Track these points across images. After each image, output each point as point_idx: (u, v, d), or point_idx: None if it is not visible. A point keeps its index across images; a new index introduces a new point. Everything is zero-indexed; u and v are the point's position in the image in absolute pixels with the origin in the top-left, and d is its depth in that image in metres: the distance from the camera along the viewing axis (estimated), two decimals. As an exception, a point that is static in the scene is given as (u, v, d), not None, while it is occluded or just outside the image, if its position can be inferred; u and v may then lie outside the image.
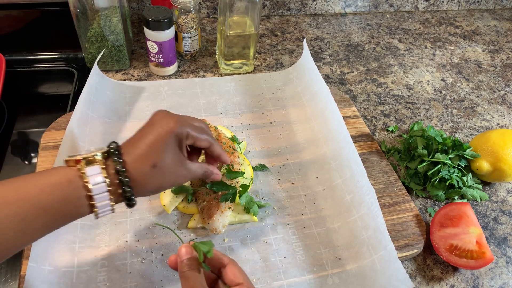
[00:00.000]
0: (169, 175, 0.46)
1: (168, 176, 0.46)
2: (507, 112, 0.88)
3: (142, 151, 0.44)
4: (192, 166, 0.49)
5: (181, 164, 0.47)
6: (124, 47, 0.82)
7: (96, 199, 0.41)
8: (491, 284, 0.59)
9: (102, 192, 0.42)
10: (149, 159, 0.44)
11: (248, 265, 0.56)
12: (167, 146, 0.45)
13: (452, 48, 1.06)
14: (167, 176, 0.46)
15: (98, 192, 0.41)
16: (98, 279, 0.52)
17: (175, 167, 0.46)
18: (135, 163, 0.44)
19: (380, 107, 0.85)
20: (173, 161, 0.46)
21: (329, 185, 0.65)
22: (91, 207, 0.42)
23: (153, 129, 0.46)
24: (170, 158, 0.45)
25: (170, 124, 0.46)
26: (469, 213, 0.62)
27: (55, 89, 0.85)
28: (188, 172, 0.48)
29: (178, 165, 0.47)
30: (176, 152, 0.46)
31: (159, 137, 0.45)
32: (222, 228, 0.57)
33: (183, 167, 0.47)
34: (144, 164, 0.44)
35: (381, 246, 0.55)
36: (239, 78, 0.84)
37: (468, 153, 0.69)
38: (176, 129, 0.46)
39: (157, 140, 0.45)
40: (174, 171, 0.46)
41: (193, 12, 0.81)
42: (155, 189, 0.46)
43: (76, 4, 0.74)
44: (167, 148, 0.45)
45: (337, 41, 1.03)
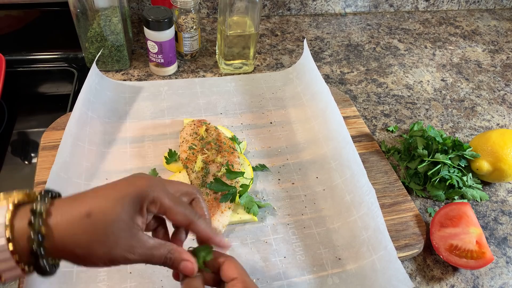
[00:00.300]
0: (103, 237, 0.33)
1: (100, 239, 0.33)
2: (507, 112, 0.88)
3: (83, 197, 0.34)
4: (149, 241, 0.35)
5: (129, 231, 0.34)
6: (124, 47, 0.82)
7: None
8: (491, 284, 0.59)
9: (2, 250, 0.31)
10: (85, 206, 0.33)
11: (248, 265, 0.56)
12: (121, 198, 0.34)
13: (452, 48, 1.06)
14: (99, 238, 0.33)
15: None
16: (98, 279, 0.52)
17: (121, 231, 0.33)
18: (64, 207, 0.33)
19: (380, 107, 0.85)
20: (120, 222, 0.33)
21: (329, 185, 0.65)
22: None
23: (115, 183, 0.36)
24: (117, 216, 0.33)
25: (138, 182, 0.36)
26: (469, 213, 0.62)
27: (55, 89, 0.85)
28: (140, 245, 0.34)
29: (126, 231, 0.34)
30: (128, 214, 0.34)
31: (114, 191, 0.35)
32: (222, 228, 0.57)
33: (131, 236, 0.34)
34: (76, 210, 0.33)
35: (381, 246, 0.55)
36: (239, 78, 0.84)
37: (468, 153, 0.69)
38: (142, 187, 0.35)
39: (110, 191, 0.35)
40: (118, 237, 0.33)
41: (193, 12, 0.81)
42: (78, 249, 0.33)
43: (76, 4, 0.74)
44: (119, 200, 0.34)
45: (337, 41, 1.03)
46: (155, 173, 0.65)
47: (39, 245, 0.32)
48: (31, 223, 0.32)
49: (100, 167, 0.65)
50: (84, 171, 0.63)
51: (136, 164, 0.66)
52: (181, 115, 0.75)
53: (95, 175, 0.63)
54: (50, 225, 0.32)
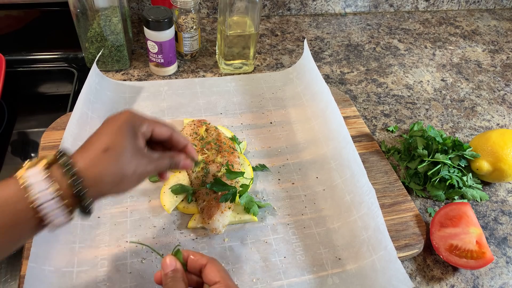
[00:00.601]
0: (126, 161, 0.41)
1: (125, 162, 0.41)
2: (507, 112, 0.88)
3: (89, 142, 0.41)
4: (154, 154, 0.45)
5: (138, 150, 0.43)
6: (124, 47, 0.82)
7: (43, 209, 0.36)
8: (491, 284, 0.59)
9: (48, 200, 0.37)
10: (99, 144, 0.40)
11: (248, 265, 0.56)
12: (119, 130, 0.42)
13: (452, 48, 1.06)
14: (124, 162, 0.41)
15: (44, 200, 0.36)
16: (98, 279, 0.52)
17: (132, 152, 0.42)
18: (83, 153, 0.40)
19: (380, 107, 0.85)
20: (129, 146, 0.42)
21: (329, 185, 0.65)
22: (39, 219, 0.37)
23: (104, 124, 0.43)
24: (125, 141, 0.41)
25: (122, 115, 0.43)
26: (469, 213, 0.62)
27: (55, 89, 0.85)
28: (149, 159, 0.43)
29: (136, 152, 0.42)
30: (131, 138, 0.42)
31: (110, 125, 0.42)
32: (222, 228, 0.57)
33: (141, 154, 0.43)
34: (94, 150, 0.40)
35: (381, 246, 0.55)
36: (239, 78, 0.84)
37: (468, 153, 0.69)
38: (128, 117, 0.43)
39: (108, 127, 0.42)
40: (131, 157, 0.41)
41: (193, 12, 0.81)
42: (113, 178, 0.40)
43: (76, 4, 0.74)
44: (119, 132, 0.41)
45: (337, 41, 1.03)
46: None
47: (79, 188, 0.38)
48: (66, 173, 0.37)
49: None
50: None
51: (136, 164, 0.66)
52: (181, 115, 0.75)
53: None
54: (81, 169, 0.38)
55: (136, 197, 0.62)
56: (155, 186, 0.64)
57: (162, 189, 0.62)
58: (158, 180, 0.64)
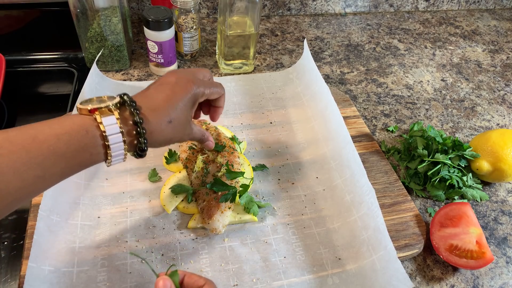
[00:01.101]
0: (179, 131, 0.49)
1: (178, 132, 0.48)
2: (507, 112, 0.88)
3: (159, 106, 0.46)
4: (195, 127, 0.53)
5: (189, 123, 0.50)
6: (124, 47, 0.82)
7: (112, 148, 0.42)
8: (491, 284, 0.59)
9: (118, 142, 0.42)
10: (166, 115, 0.46)
11: (248, 265, 0.56)
12: (184, 104, 0.48)
13: (452, 48, 1.06)
14: (177, 132, 0.48)
15: (114, 142, 0.42)
16: (98, 279, 0.52)
17: (185, 124, 0.49)
18: (152, 116, 0.45)
19: (380, 107, 0.85)
20: (186, 119, 0.49)
21: (329, 185, 0.65)
22: (106, 155, 0.43)
23: (171, 87, 0.48)
24: (184, 115, 0.49)
25: (189, 85, 0.49)
26: (469, 213, 0.62)
27: (55, 89, 0.85)
28: (191, 131, 0.51)
29: (187, 124, 0.50)
30: (189, 111, 0.50)
31: (178, 95, 0.48)
32: (222, 228, 0.57)
33: (190, 126, 0.51)
34: (161, 119, 0.46)
35: (381, 246, 0.55)
36: (239, 78, 0.84)
37: (468, 153, 0.69)
38: (194, 89, 0.49)
39: (176, 97, 0.48)
40: (183, 129, 0.49)
41: (193, 12, 0.81)
42: (164, 142, 0.48)
43: (76, 4, 0.74)
44: (184, 107, 0.48)
45: (337, 41, 1.03)
46: (155, 173, 0.65)
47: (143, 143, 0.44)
48: (137, 133, 0.44)
49: (100, 167, 0.65)
50: (84, 171, 0.62)
51: (136, 164, 0.66)
52: (181, 115, 0.75)
53: (96, 175, 0.63)
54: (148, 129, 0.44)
55: (136, 197, 0.62)
56: (155, 186, 0.64)
57: (162, 189, 0.62)
58: (158, 180, 0.64)
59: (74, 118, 0.42)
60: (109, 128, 0.42)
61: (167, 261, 0.55)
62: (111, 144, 0.42)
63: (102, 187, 0.62)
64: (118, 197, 0.62)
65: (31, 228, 0.55)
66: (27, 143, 0.38)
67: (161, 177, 0.65)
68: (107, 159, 0.43)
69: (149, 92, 0.48)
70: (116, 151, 0.43)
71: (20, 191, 0.37)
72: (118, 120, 0.42)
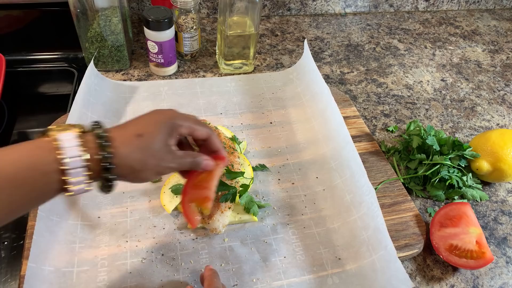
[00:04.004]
0: (152, 152, 0.43)
1: (151, 153, 0.42)
2: (507, 112, 0.88)
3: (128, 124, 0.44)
4: (178, 152, 0.46)
5: (166, 147, 0.44)
6: (124, 47, 0.82)
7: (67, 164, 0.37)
8: (491, 284, 0.59)
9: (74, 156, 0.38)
10: (134, 129, 0.43)
11: (248, 265, 0.56)
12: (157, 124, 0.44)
13: (452, 48, 1.06)
14: (150, 153, 0.42)
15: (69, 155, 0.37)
16: (98, 279, 0.52)
17: (161, 147, 0.43)
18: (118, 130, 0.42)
19: (380, 107, 0.85)
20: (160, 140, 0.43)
21: (329, 185, 0.65)
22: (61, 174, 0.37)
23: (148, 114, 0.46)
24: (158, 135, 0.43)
25: (169, 113, 0.46)
26: (469, 213, 0.62)
27: (55, 89, 0.85)
28: (173, 156, 0.45)
29: (163, 147, 0.44)
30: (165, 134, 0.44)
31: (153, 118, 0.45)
32: (222, 228, 0.57)
33: (168, 151, 0.44)
34: (129, 132, 0.42)
35: (381, 246, 0.55)
36: (239, 78, 0.84)
37: (468, 153, 0.69)
38: (173, 117, 0.45)
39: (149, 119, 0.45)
40: (157, 151, 0.43)
41: (193, 12, 0.81)
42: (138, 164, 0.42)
43: (76, 4, 0.74)
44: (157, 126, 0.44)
45: (337, 41, 1.03)
46: (155, 173, 0.64)
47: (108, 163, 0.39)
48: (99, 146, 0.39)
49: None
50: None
51: (136, 164, 0.66)
52: (181, 115, 0.75)
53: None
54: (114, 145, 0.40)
55: (136, 197, 0.62)
56: (155, 186, 0.64)
57: (162, 189, 0.62)
58: (158, 180, 0.64)
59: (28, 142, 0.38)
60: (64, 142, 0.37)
61: (167, 261, 0.55)
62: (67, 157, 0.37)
63: (102, 187, 0.62)
64: (118, 197, 0.62)
65: (31, 228, 0.55)
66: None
67: (161, 177, 0.65)
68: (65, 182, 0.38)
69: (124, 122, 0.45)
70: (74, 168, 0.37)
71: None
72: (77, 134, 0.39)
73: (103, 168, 0.39)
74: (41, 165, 0.37)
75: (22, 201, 0.37)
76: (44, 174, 0.37)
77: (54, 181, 0.38)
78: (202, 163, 0.48)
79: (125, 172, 0.41)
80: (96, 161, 0.39)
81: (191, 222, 0.50)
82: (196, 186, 0.51)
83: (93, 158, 0.39)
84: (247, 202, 0.60)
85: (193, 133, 0.47)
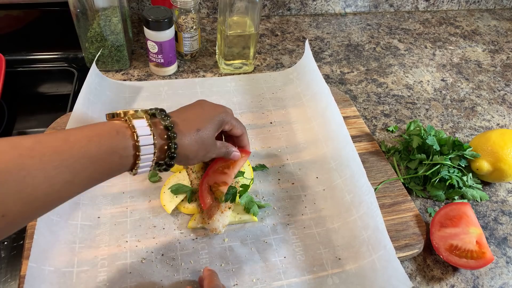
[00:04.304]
0: (204, 145, 0.50)
1: (203, 146, 0.50)
2: (507, 112, 0.88)
3: (189, 117, 0.49)
4: (218, 143, 0.54)
5: (212, 139, 0.51)
6: (124, 47, 0.82)
7: (142, 150, 0.42)
8: (491, 284, 0.59)
9: (149, 144, 0.43)
10: (195, 124, 0.49)
11: (248, 265, 0.56)
12: (211, 121, 0.50)
13: (452, 48, 1.06)
14: (203, 145, 0.49)
15: (144, 144, 0.42)
16: (98, 279, 0.52)
17: (210, 140, 0.50)
18: (182, 125, 0.47)
19: (380, 107, 0.85)
20: (211, 135, 0.51)
21: (329, 185, 0.65)
22: (135, 159, 0.42)
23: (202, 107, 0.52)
24: (211, 131, 0.50)
25: (219, 109, 0.53)
26: (469, 213, 0.62)
27: (55, 89, 0.85)
28: (214, 147, 0.52)
29: (212, 141, 0.51)
30: (215, 129, 0.51)
31: (207, 113, 0.51)
32: (222, 228, 0.57)
33: (213, 142, 0.52)
34: (191, 126, 0.48)
35: (380, 246, 0.55)
36: (239, 78, 0.84)
37: (468, 153, 0.69)
38: (222, 114, 0.53)
39: (204, 114, 0.51)
40: (208, 143, 0.50)
41: (193, 12, 0.81)
42: (192, 154, 0.49)
43: (76, 4, 0.74)
44: (211, 122, 0.51)
45: (337, 41, 1.03)
46: (155, 173, 0.65)
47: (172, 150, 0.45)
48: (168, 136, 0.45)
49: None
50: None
51: (136, 164, 0.66)
52: (181, 115, 0.75)
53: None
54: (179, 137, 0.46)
55: (136, 197, 0.62)
56: (155, 186, 0.64)
57: (162, 189, 0.62)
58: (158, 180, 0.64)
59: (105, 123, 0.42)
60: (140, 129, 0.42)
61: (167, 261, 0.55)
62: (142, 145, 0.42)
63: (102, 187, 0.62)
64: (118, 197, 0.62)
65: (31, 228, 0.55)
66: (58, 145, 0.37)
67: (161, 177, 0.65)
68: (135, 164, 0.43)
69: (180, 110, 0.51)
70: (146, 155, 0.43)
71: (48, 196, 0.36)
72: (149, 123, 0.43)
73: (167, 156, 0.45)
74: (121, 150, 0.41)
75: (98, 178, 0.41)
76: (122, 157, 0.41)
77: (128, 163, 0.42)
78: (233, 154, 0.56)
79: (180, 159, 0.48)
80: (163, 150, 0.45)
81: (204, 202, 0.56)
82: (218, 171, 0.59)
83: (161, 147, 0.44)
84: (247, 202, 0.60)
85: (233, 130, 0.55)
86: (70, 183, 0.38)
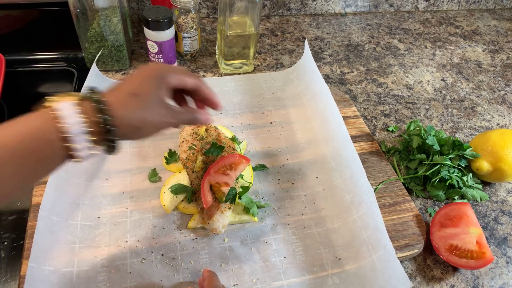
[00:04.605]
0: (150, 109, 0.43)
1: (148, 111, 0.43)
2: (507, 112, 0.88)
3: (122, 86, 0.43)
4: (176, 108, 0.47)
5: (162, 102, 0.44)
6: (124, 47, 0.82)
7: (67, 130, 0.38)
8: (491, 284, 0.59)
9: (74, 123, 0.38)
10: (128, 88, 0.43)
11: (248, 265, 0.56)
12: (147, 79, 0.44)
13: (452, 48, 1.06)
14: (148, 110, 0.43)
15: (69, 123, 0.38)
16: (98, 279, 0.52)
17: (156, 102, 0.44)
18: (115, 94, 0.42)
19: (380, 107, 0.85)
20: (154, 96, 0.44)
21: (329, 185, 0.65)
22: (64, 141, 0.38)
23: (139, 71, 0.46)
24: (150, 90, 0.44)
25: (152, 65, 0.46)
26: (469, 213, 0.62)
27: (55, 89, 0.85)
28: (171, 111, 0.45)
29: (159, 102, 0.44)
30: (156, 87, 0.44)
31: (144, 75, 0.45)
32: (222, 228, 0.57)
33: (163, 105, 0.45)
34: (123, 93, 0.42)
35: (380, 246, 0.55)
36: (239, 78, 0.84)
37: (468, 153, 0.69)
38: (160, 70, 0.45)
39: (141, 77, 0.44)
40: (154, 107, 0.43)
41: (193, 12, 0.81)
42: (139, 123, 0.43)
43: (76, 4, 0.74)
44: (147, 80, 0.44)
45: (337, 41, 1.03)
46: (155, 173, 0.65)
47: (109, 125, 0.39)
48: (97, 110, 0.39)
49: (100, 167, 0.65)
50: (84, 171, 0.63)
51: (136, 164, 0.66)
52: (181, 115, 0.75)
53: (95, 175, 0.63)
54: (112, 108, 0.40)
55: (136, 197, 0.62)
56: (155, 186, 0.64)
57: (162, 189, 0.62)
58: (158, 180, 0.64)
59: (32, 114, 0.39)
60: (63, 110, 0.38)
61: (167, 261, 0.55)
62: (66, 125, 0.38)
63: (102, 187, 0.62)
64: (118, 197, 0.62)
65: (31, 228, 0.55)
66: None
67: (161, 177, 0.65)
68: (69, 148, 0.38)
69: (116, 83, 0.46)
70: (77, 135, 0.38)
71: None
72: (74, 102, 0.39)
73: (105, 131, 0.40)
74: (43, 135, 0.37)
75: (29, 172, 0.38)
76: (47, 143, 0.38)
77: (58, 149, 0.38)
78: (197, 117, 0.49)
79: (127, 131, 0.42)
80: (97, 125, 0.39)
81: (205, 200, 0.56)
82: (220, 171, 0.58)
83: (93, 123, 0.39)
84: (247, 202, 0.60)
85: (183, 83, 0.47)
86: None
